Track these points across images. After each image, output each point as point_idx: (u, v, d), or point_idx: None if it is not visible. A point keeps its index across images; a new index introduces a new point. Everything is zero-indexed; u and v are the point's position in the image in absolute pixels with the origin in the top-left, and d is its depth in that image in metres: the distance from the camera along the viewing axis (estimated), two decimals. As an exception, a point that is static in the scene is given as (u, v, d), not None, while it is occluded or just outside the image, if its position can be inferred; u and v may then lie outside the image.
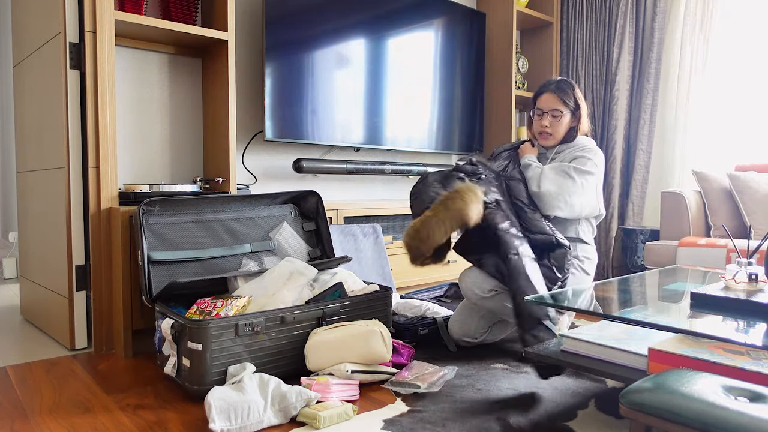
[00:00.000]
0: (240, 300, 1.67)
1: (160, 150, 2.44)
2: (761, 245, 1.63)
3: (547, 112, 2.07)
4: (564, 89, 2.07)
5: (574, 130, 2.09)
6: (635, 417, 0.98)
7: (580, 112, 2.08)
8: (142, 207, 1.86)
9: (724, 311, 1.33)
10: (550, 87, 2.09)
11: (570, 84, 2.10)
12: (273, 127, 2.56)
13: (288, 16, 2.58)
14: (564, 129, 2.08)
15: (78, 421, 1.43)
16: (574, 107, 2.07)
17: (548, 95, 2.08)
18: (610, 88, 3.60)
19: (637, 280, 1.80)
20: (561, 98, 2.05)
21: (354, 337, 1.64)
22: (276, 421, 1.38)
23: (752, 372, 1.12)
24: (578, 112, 2.08)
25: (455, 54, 3.38)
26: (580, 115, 2.08)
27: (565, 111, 2.06)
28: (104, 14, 1.98)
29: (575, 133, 2.09)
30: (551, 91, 2.07)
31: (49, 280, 2.23)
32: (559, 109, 2.05)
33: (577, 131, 2.10)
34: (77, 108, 2.03)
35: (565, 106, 2.06)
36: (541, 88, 2.13)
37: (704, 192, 2.91)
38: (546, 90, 2.09)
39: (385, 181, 3.27)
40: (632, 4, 3.52)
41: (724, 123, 3.26)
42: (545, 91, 2.09)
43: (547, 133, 2.08)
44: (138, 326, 1.99)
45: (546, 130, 2.08)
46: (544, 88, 2.11)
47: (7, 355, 2.00)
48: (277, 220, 2.19)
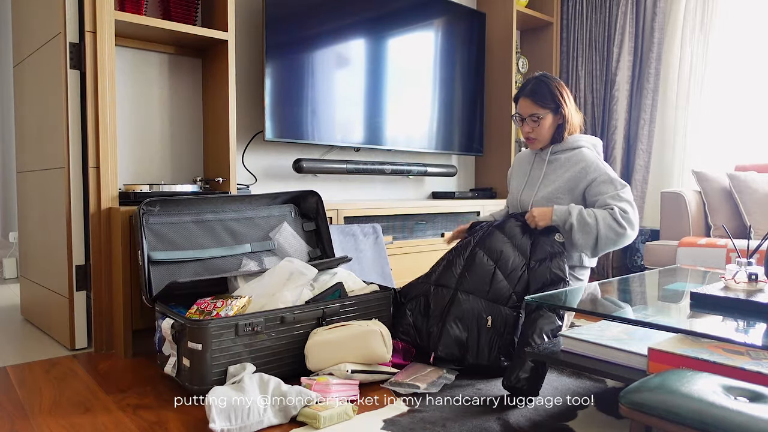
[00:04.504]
0: (240, 300, 1.67)
1: (160, 150, 2.44)
2: (761, 245, 1.63)
3: (526, 118, 1.99)
4: (538, 91, 1.95)
5: (561, 128, 1.99)
6: (635, 417, 0.98)
7: (562, 109, 1.96)
8: (142, 207, 1.86)
9: (724, 311, 1.33)
10: (525, 91, 1.98)
11: (546, 82, 1.97)
12: (273, 127, 2.56)
13: (288, 16, 2.58)
14: (549, 130, 1.99)
15: (78, 421, 1.43)
16: (555, 106, 1.97)
17: (523, 101, 1.99)
18: (610, 88, 3.60)
19: (637, 280, 1.80)
20: (536, 102, 1.95)
21: (354, 337, 1.64)
22: (276, 421, 1.38)
23: (752, 372, 1.12)
24: (561, 109, 1.96)
25: (455, 54, 3.38)
26: (564, 113, 1.97)
27: (544, 113, 1.96)
28: (104, 14, 1.98)
29: (563, 131, 1.99)
30: (525, 96, 1.98)
31: (49, 280, 2.23)
32: (536, 114, 1.96)
33: (566, 129, 1.99)
34: (77, 108, 2.03)
35: (543, 108, 1.96)
36: (518, 92, 2.02)
37: (704, 192, 2.91)
38: (521, 95, 2.00)
39: (385, 181, 3.27)
40: (632, 4, 3.52)
41: (724, 123, 3.26)
42: (520, 96, 2.00)
43: (532, 138, 2.01)
44: (138, 326, 1.99)
45: (530, 135, 2.01)
46: (520, 92, 2.01)
47: (7, 355, 2.00)
48: (277, 220, 2.19)
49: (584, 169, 1.93)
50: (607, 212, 1.85)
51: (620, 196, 1.87)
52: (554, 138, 2.02)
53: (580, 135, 2.03)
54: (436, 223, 2.98)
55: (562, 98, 1.97)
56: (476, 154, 3.54)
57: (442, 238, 2.99)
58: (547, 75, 2.01)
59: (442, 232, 3.01)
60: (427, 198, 3.48)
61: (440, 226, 3.00)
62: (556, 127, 2.00)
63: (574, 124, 2.02)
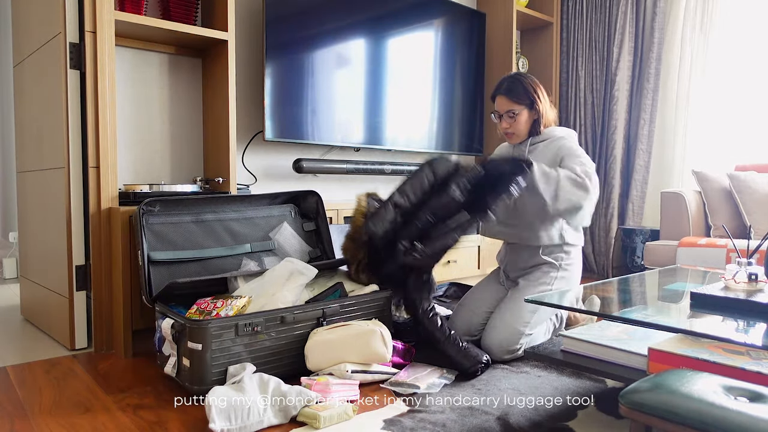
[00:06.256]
0: (240, 300, 1.67)
1: (160, 150, 2.44)
2: (761, 245, 1.63)
3: (503, 114, 2.09)
4: (513, 89, 2.06)
5: (537, 123, 2.09)
6: (635, 417, 0.98)
7: (537, 105, 2.06)
8: (142, 207, 1.86)
9: (724, 311, 1.33)
10: (501, 89, 2.09)
11: (519, 80, 2.07)
12: (273, 127, 2.56)
13: (288, 16, 2.58)
14: (525, 125, 2.09)
15: (78, 421, 1.43)
16: (530, 102, 2.06)
17: (500, 98, 2.09)
18: (610, 88, 3.60)
19: (637, 280, 1.80)
20: (511, 99, 2.06)
21: (354, 337, 1.64)
22: (276, 421, 1.38)
23: (752, 372, 1.12)
24: (536, 105, 2.06)
25: (455, 54, 3.38)
26: (539, 109, 2.07)
27: (519, 109, 2.06)
28: (104, 14, 1.98)
29: (539, 126, 2.09)
30: (501, 94, 2.09)
31: (49, 280, 2.23)
32: (512, 110, 2.07)
33: (541, 124, 2.09)
34: (77, 108, 2.03)
35: (519, 105, 2.06)
36: (494, 90, 2.13)
37: (704, 192, 2.91)
38: (497, 93, 2.10)
39: (385, 181, 3.27)
40: (632, 4, 3.52)
41: (724, 123, 3.26)
42: (497, 94, 2.11)
43: (510, 133, 2.12)
44: (138, 326, 1.99)
45: (507, 131, 2.12)
46: (496, 90, 2.11)
47: (7, 355, 2.00)
48: (277, 220, 2.19)
49: (560, 149, 2.05)
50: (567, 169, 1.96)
51: (584, 163, 1.97)
52: (531, 132, 2.12)
53: (555, 127, 2.15)
54: (436, 223, 2.98)
55: (536, 94, 2.07)
56: (476, 154, 3.54)
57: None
58: (521, 74, 2.13)
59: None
60: (427, 198, 3.47)
61: (440, 226, 3.00)
62: (532, 122, 2.11)
63: (549, 119, 2.13)
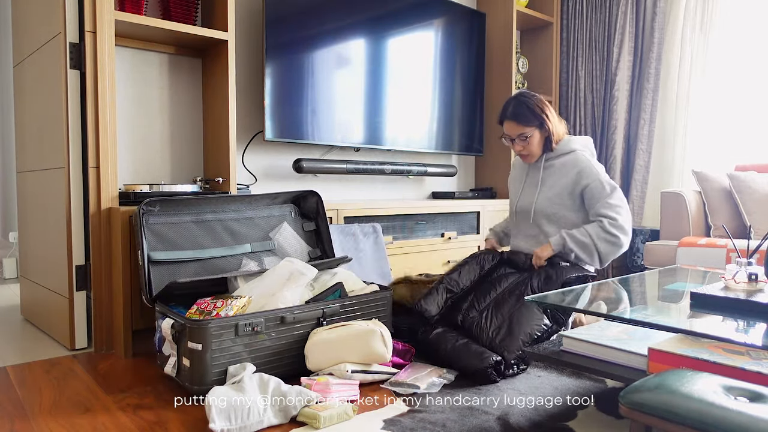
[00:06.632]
0: (240, 300, 1.67)
1: (160, 150, 2.44)
2: (761, 245, 1.63)
3: (515, 138, 2.11)
4: (519, 113, 2.07)
5: (549, 140, 2.11)
6: (635, 417, 0.98)
7: (547, 125, 2.08)
8: (142, 207, 1.86)
9: (724, 311, 1.33)
10: (507, 114, 2.10)
11: (525, 102, 2.08)
12: (273, 127, 2.56)
13: (288, 16, 2.58)
14: (538, 145, 2.12)
15: (78, 421, 1.43)
16: (539, 123, 2.07)
17: (508, 123, 2.11)
18: (610, 88, 3.60)
19: (637, 280, 1.80)
20: (520, 123, 2.07)
21: (354, 337, 1.64)
22: (276, 421, 1.38)
23: (752, 372, 1.12)
24: (545, 125, 2.08)
25: (455, 54, 3.38)
26: (548, 127, 2.08)
27: (530, 131, 2.08)
28: (104, 14, 1.98)
29: (551, 143, 2.11)
30: (509, 119, 2.10)
31: (49, 280, 2.23)
32: (523, 133, 2.08)
33: (553, 140, 2.11)
34: (77, 108, 2.03)
35: (529, 127, 2.07)
36: (500, 114, 2.14)
37: (704, 192, 2.91)
38: (504, 118, 2.12)
39: (385, 181, 3.27)
40: (632, 4, 3.52)
41: (724, 123, 3.26)
42: (504, 119, 2.12)
43: (524, 155, 2.15)
44: (138, 326, 1.99)
45: (522, 153, 2.14)
46: (503, 115, 2.13)
47: (7, 355, 2.00)
48: (277, 220, 2.19)
49: (579, 174, 2.06)
50: (598, 226, 2.00)
51: (609, 203, 2.00)
52: (545, 149, 2.15)
53: (570, 137, 2.15)
54: (436, 223, 2.98)
55: (544, 114, 2.09)
56: (476, 154, 3.54)
57: (442, 238, 2.99)
58: (525, 93, 2.13)
59: (441, 232, 3.01)
60: (427, 198, 3.48)
61: (440, 226, 3.00)
62: (545, 140, 2.13)
63: (560, 133, 2.14)
